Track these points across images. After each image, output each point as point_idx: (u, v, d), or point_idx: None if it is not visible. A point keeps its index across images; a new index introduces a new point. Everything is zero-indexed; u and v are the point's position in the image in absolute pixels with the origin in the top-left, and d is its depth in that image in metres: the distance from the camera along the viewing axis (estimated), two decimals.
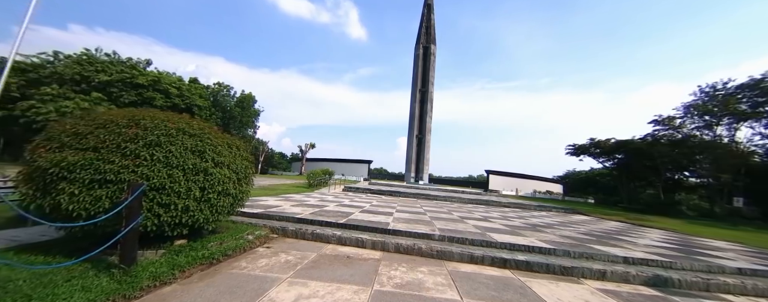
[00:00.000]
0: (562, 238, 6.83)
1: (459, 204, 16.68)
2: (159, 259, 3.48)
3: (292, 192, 13.68)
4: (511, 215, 12.25)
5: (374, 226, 5.95)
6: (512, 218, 10.77)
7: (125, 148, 3.34)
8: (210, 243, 4.19)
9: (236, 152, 4.60)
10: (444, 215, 9.71)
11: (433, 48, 37.41)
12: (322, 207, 8.58)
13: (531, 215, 13.95)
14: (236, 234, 4.85)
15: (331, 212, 7.71)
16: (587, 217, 16.48)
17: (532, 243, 5.72)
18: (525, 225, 8.85)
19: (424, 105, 36.42)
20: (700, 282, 4.66)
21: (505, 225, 8.36)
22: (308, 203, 9.31)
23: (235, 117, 38.26)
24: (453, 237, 5.56)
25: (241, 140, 5.04)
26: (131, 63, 25.60)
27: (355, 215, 7.50)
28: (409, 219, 7.60)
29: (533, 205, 19.40)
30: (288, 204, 8.61)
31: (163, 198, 3.42)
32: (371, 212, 8.51)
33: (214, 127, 4.69)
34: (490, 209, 14.72)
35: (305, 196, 12.35)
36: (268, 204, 8.24)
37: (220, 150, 4.17)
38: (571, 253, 5.27)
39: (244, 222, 5.88)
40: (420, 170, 36.15)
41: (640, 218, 17.87)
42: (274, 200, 9.39)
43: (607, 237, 8.16)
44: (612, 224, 13.41)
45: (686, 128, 27.22)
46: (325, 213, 7.30)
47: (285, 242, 5.29)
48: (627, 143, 30.88)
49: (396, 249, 5.07)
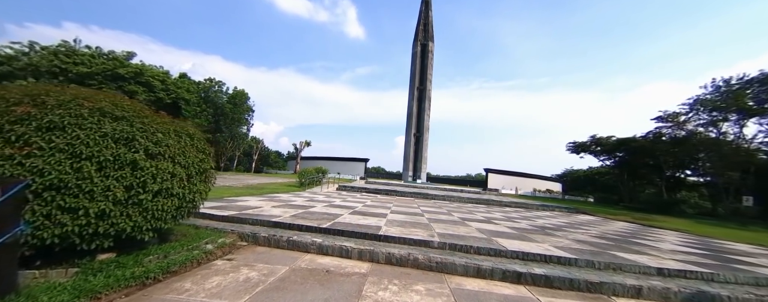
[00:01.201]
0: (578, 243, 6.00)
1: (458, 204, 15.85)
2: (64, 282, 2.59)
3: (281, 192, 12.77)
4: (515, 216, 11.43)
5: (363, 231, 5.08)
6: (517, 220, 9.94)
7: (9, 132, 2.44)
8: (149, 256, 3.30)
9: (187, 142, 3.70)
10: (443, 216, 8.86)
11: (430, 45, 36.61)
12: (308, 208, 7.70)
13: (535, 215, 13.14)
14: (191, 244, 3.96)
15: (317, 214, 6.83)
16: (593, 217, 15.72)
17: (547, 250, 4.88)
18: (533, 228, 8.02)
19: (422, 103, 35.69)
20: (754, 299, 3.84)
21: (512, 228, 7.52)
22: (294, 204, 8.42)
23: (226, 114, 37.17)
24: (455, 244, 4.70)
25: (196, 128, 4.13)
26: (113, 55, 24.39)
27: (343, 217, 6.62)
28: (404, 222, 6.73)
29: (535, 204, 18.62)
30: (270, 205, 7.72)
31: (66, 201, 2.53)
32: (362, 213, 7.64)
33: (158, 111, 3.78)
34: (491, 210, 13.90)
35: (293, 195, 11.46)
36: (247, 205, 7.34)
37: (160, 139, 3.27)
38: (595, 264, 4.43)
39: (210, 227, 4.99)
40: (418, 168, 35.37)
41: (646, 218, 17.14)
42: (256, 201, 8.49)
43: (623, 240, 7.35)
44: (620, 225, 12.63)
45: (691, 124, 26.55)
46: (309, 215, 6.41)
47: (254, 252, 4.41)
48: (629, 140, 30.21)
49: (387, 260, 4.20)
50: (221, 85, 38.12)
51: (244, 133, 43.60)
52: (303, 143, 38.14)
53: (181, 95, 27.23)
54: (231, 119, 37.86)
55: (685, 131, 26.60)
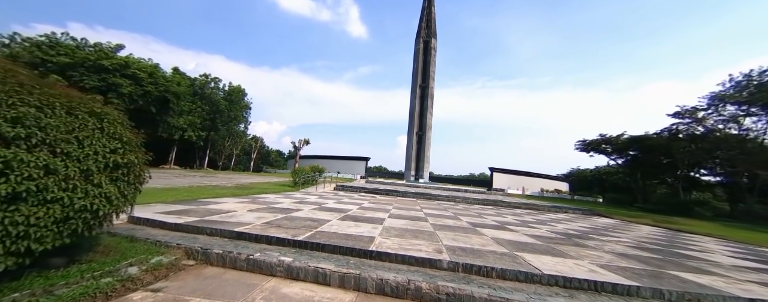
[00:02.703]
0: (622, 259, 4.81)
1: (464, 206, 14.66)
2: None
3: (270, 192, 11.66)
4: (530, 220, 10.22)
5: (350, 245, 3.93)
6: (533, 224, 8.74)
7: None
8: (14, 293, 2.17)
9: (89, 125, 2.57)
10: (450, 221, 7.69)
11: (433, 42, 35.41)
12: (291, 212, 6.56)
13: (550, 218, 11.92)
14: (107, 267, 2.84)
15: (299, 220, 5.69)
16: (611, 220, 14.45)
17: (592, 272, 3.69)
18: (557, 235, 6.82)
19: (425, 101, 34.59)
20: None
21: (533, 236, 6.33)
22: (277, 207, 7.29)
23: (222, 111, 36.16)
24: (471, 264, 3.53)
25: (111, 108, 3.00)
26: (99, 47, 23.33)
27: (330, 224, 5.47)
28: (404, 230, 5.57)
29: (546, 206, 17.37)
30: (246, 209, 6.59)
31: None
32: (355, 218, 6.49)
33: (69, 86, 2.66)
34: (501, 212, 12.70)
35: (282, 196, 10.33)
36: (218, 209, 6.22)
37: (27, 115, 2.13)
38: (665, 294, 3.24)
39: (152, 240, 3.86)
40: (420, 168, 34.23)
41: (668, 220, 15.84)
42: (234, 203, 7.37)
43: (668, 252, 6.14)
44: (647, 229, 11.38)
45: (710, 120, 25.08)
46: (286, 223, 5.27)
47: (199, 275, 3.27)
48: (643, 138, 28.74)
49: (379, 289, 3.06)
50: (217, 81, 36.94)
51: (241, 131, 42.49)
52: (302, 141, 37.02)
53: (171, 88, 26.35)
54: (227, 116, 36.65)
55: (704, 127, 25.12)
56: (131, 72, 21.61)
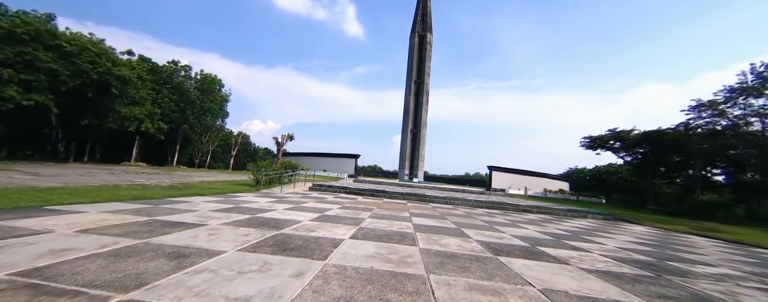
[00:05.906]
0: None
1: (466, 210, 11.88)
2: None
3: (214, 194, 8.72)
4: (556, 231, 7.44)
5: None
6: (569, 239, 5.97)
7: None
8: None
9: None
10: (451, 241, 4.88)
11: (429, 37, 33.00)
12: (164, 235, 3.69)
13: (577, 228, 9.19)
14: None
15: (158, 254, 2.82)
16: (644, 227, 11.80)
17: None
18: (636, 273, 4.05)
19: (420, 98, 32.22)
20: None
21: (590, 270, 3.54)
22: (167, 221, 4.40)
23: (193, 102, 32.17)
24: None
25: None
26: (16, 14, 19.07)
27: (202, 267, 2.61)
28: (365, 277, 2.74)
29: (560, 209, 14.70)
30: (75, 229, 3.69)
31: None
32: (282, 247, 3.64)
33: None
34: (514, 220, 9.94)
35: (223, 198, 7.42)
36: (25, 227, 3.31)
37: None
38: None
39: None
40: (415, 166, 31.59)
41: (706, 227, 13.33)
42: (93, 215, 4.46)
43: None
44: (703, 242, 8.74)
45: (731, 115, 22.78)
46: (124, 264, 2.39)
47: None
48: (657, 134, 26.34)
49: None
50: (188, 69, 33.28)
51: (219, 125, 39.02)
52: (285, 137, 33.92)
53: (114, 71, 21.59)
54: (200, 108, 33.02)
55: (729, 120, 22.78)
56: (56, 43, 17.87)
